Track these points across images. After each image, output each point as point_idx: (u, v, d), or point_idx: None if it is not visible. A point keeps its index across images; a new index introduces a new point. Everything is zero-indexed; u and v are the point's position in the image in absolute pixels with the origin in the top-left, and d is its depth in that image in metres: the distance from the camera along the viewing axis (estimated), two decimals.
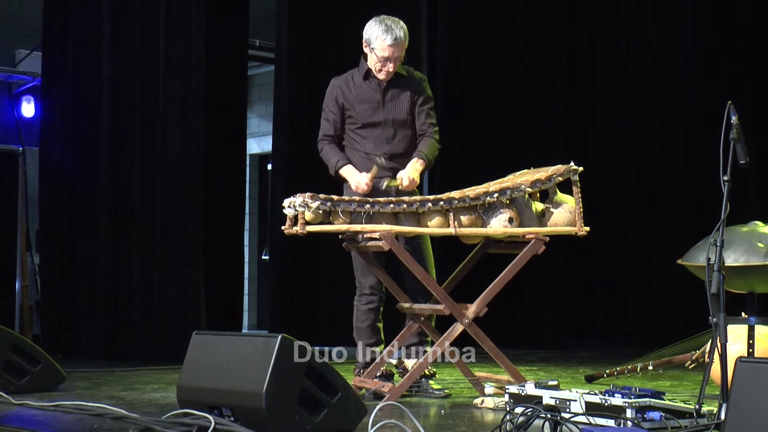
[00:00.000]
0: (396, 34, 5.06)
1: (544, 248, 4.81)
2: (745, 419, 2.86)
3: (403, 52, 5.13)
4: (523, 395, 4.17)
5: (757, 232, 4.23)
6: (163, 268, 7.41)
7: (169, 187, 7.46)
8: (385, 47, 5.08)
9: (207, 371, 3.84)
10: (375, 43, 5.10)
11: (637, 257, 8.93)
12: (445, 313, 4.83)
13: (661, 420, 3.75)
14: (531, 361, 7.26)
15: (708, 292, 3.71)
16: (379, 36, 5.08)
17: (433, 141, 5.23)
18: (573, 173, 4.85)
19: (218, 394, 3.74)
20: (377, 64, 5.12)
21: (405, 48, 5.13)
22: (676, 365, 5.52)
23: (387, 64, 5.10)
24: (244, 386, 3.62)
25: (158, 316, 7.37)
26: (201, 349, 3.97)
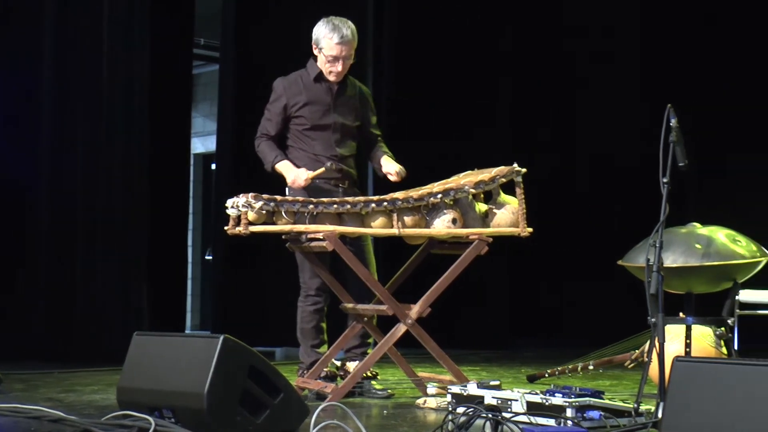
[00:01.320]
0: (343, 33, 5.08)
1: (487, 249, 4.84)
2: (681, 417, 2.90)
3: (352, 52, 5.14)
4: (466, 395, 4.20)
5: (695, 233, 4.29)
6: (105, 268, 7.33)
7: (113, 187, 7.38)
8: (332, 46, 5.08)
9: (148, 372, 3.80)
10: (323, 43, 5.11)
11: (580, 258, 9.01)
12: (389, 314, 4.84)
13: (601, 419, 3.79)
14: (474, 361, 7.30)
15: (647, 293, 3.76)
16: (326, 35, 5.09)
17: (386, 146, 5.35)
18: (516, 174, 4.88)
19: (159, 395, 3.71)
20: (327, 65, 5.12)
21: (354, 47, 5.14)
22: (616, 365, 5.58)
23: (336, 63, 5.10)
24: (185, 387, 3.60)
25: (100, 316, 7.29)
26: (142, 350, 3.94)
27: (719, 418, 2.83)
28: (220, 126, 8.34)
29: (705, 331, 5.09)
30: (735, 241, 4.26)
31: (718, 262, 4.16)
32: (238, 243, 5.60)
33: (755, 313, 5.07)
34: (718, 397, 2.86)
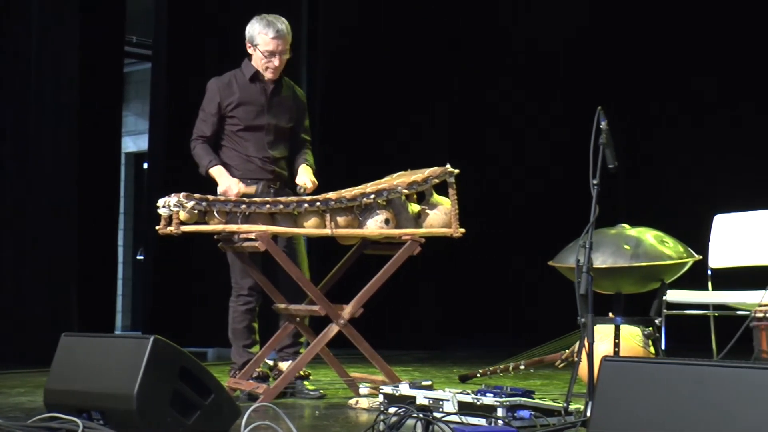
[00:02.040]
0: (278, 28, 5.07)
1: (419, 249, 4.86)
2: (609, 416, 2.93)
3: (288, 47, 5.12)
4: (398, 395, 4.20)
5: (624, 234, 4.35)
6: (34, 269, 7.21)
7: (42, 186, 7.26)
8: (268, 41, 5.07)
9: (76, 374, 3.75)
10: (258, 39, 5.09)
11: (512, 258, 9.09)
12: (321, 314, 4.83)
13: (531, 418, 3.82)
14: (406, 361, 7.32)
15: (577, 293, 3.80)
16: (261, 31, 5.08)
17: (311, 153, 5.32)
18: (449, 175, 4.90)
19: (88, 397, 3.66)
20: (263, 61, 5.10)
21: (289, 42, 5.13)
22: (546, 365, 5.63)
23: (273, 59, 5.09)
24: (114, 389, 3.55)
25: (27, 317, 7.16)
26: (70, 351, 3.88)
27: (646, 417, 2.87)
28: (152, 125, 8.26)
29: (633, 330, 5.16)
30: (663, 242, 4.32)
31: (646, 262, 4.22)
32: (170, 243, 5.55)
33: (682, 313, 5.15)
34: (646, 395, 2.89)
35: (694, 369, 2.84)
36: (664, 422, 2.83)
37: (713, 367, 2.81)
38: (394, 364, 5.63)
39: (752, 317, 3.61)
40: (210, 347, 7.84)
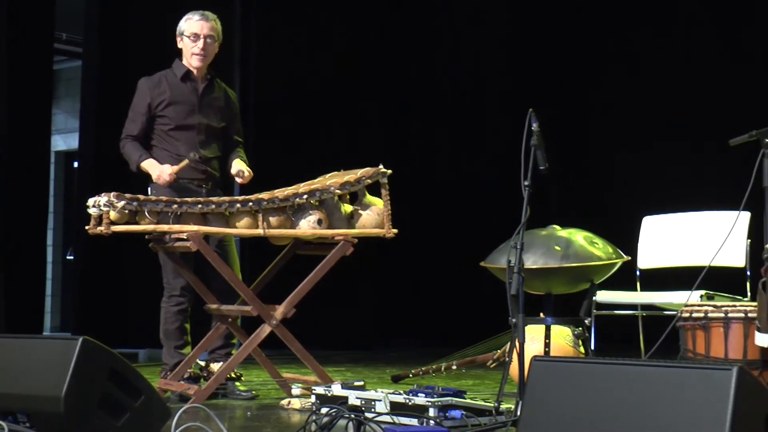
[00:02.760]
0: (203, 13, 5.12)
1: (352, 250, 4.87)
2: (538, 415, 2.96)
3: (214, 34, 5.10)
4: (330, 396, 4.20)
5: (555, 235, 4.39)
6: None
7: None
8: (193, 23, 5.09)
9: (1, 376, 3.68)
10: (185, 26, 5.09)
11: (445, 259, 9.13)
12: (253, 315, 4.82)
13: (462, 418, 3.85)
14: (339, 362, 7.31)
15: (508, 293, 3.83)
16: (187, 18, 5.12)
17: (243, 152, 5.29)
18: (382, 176, 4.92)
19: (13, 399, 3.59)
20: (190, 47, 5.07)
21: (217, 32, 5.12)
22: (478, 365, 5.68)
23: (197, 42, 5.06)
24: (41, 391, 3.49)
25: None
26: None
27: (575, 416, 2.90)
28: (83, 123, 8.15)
29: (564, 330, 5.22)
30: (592, 243, 4.37)
31: (576, 263, 4.26)
32: (100, 243, 5.49)
33: (611, 313, 5.22)
34: (575, 395, 2.93)
35: (622, 368, 2.88)
36: (593, 421, 2.87)
37: (640, 367, 2.86)
38: (326, 365, 5.63)
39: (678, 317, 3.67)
40: (142, 348, 7.76)
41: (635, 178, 8.76)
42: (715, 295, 4.69)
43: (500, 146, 8.83)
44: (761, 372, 3.40)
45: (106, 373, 3.53)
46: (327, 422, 3.45)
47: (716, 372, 2.66)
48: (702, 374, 2.70)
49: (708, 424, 2.62)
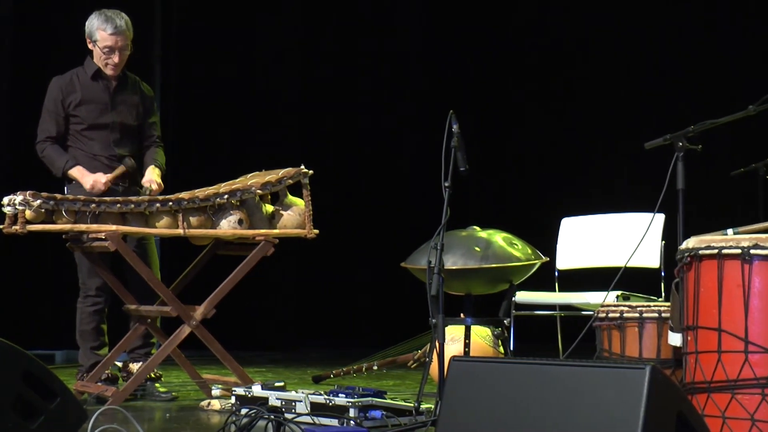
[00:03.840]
0: (117, 23, 4.97)
1: (273, 250, 4.85)
2: (457, 415, 2.98)
3: (128, 42, 5.03)
4: (250, 397, 4.18)
5: (475, 236, 4.42)
6: None
7: None
8: (106, 37, 4.97)
9: None
10: (97, 35, 4.99)
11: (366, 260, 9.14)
12: (173, 315, 4.77)
13: (382, 418, 3.86)
14: (260, 363, 7.28)
15: (428, 294, 3.85)
16: (99, 27, 4.99)
17: (162, 151, 5.22)
18: (303, 176, 4.91)
19: None
20: (102, 58, 5.00)
21: (130, 38, 5.04)
22: (399, 365, 5.70)
23: (111, 56, 4.99)
24: None
25: None
26: None
27: (494, 415, 2.93)
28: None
29: (484, 331, 5.27)
30: (512, 244, 4.41)
31: (496, 264, 4.30)
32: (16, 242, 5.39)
33: (530, 314, 5.28)
34: (493, 394, 2.96)
35: (539, 368, 2.92)
36: (511, 420, 2.90)
37: (557, 366, 2.90)
38: (247, 366, 5.60)
39: (595, 317, 3.73)
40: (58, 349, 7.63)
41: (554, 180, 8.88)
42: (631, 296, 4.77)
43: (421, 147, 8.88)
44: (674, 371, 3.47)
45: (19, 376, 3.46)
46: (246, 423, 3.43)
47: (630, 371, 2.71)
48: (616, 373, 2.75)
49: (622, 422, 2.67)
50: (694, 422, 2.82)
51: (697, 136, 3.92)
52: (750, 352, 3.08)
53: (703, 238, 3.25)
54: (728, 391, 3.09)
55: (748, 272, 3.12)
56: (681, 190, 3.77)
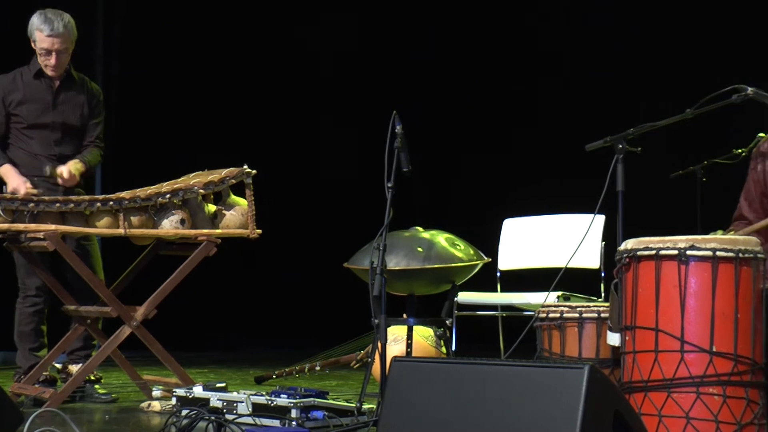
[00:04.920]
0: (54, 25, 4.90)
1: (215, 250, 4.83)
2: (399, 415, 3.00)
3: (68, 45, 4.97)
4: (191, 398, 4.15)
5: (418, 237, 4.44)
6: None
7: None
8: (44, 39, 4.91)
9: None
10: (36, 36, 4.93)
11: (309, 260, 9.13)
12: (113, 316, 4.73)
13: (324, 419, 3.86)
14: (203, 363, 7.24)
15: (371, 294, 3.85)
16: (38, 27, 4.93)
17: (98, 151, 5.15)
18: (246, 176, 4.89)
19: None
20: (41, 58, 4.94)
21: (71, 40, 4.97)
22: (342, 365, 5.70)
23: (49, 57, 4.92)
24: None
25: None
26: None
27: (435, 415, 2.95)
28: None
29: (426, 331, 5.29)
30: (454, 244, 4.44)
31: (438, 264, 4.32)
32: None
33: (473, 314, 5.31)
34: (435, 394, 2.97)
35: (480, 368, 2.95)
36: (452, 420, 2.92)
37: (498, 366, 2.93)
38: (189, 366, 5.57)
39: (536, 318, 3.76)
40: None
41: (497, 181, 8.94)
42: (571, 296, 4.82)
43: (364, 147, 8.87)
44: (612, 370, 3.51)
45: None
46: (187, 424, 3.41)
47: (569, 371, 2.75)
48: (555, 373, 2.78)
49: (561, 421, 2.70)
50: (631, 421, 2.86)
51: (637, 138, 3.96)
52: (686, 351, 3.13)
53: (641, 240, 3.30)
54: (664, 389, 3.13)
55: (685, 273, 3.16)
56: (620, 192, 3.81)
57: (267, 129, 9.22)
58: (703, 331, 3.13)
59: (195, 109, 8.69)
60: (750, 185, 3.96)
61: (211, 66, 8.79)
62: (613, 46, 8.63)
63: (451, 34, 9.30)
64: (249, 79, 9.02)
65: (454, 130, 9.28)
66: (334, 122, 9.32)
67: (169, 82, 8.60)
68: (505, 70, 9.13)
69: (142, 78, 8.50)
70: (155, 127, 8.51)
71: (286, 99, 9.26)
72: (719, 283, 3.14)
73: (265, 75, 9.21)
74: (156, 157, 8.28)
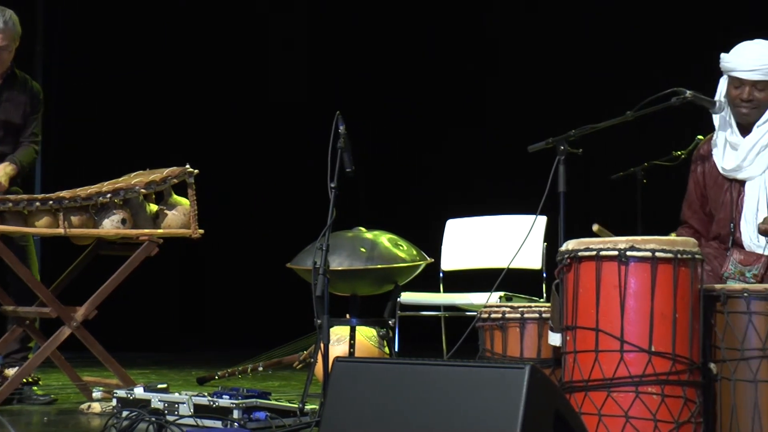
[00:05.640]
0: None
1: (157, 250, 4.80)
2: (340, 415, 3.00)
3: (10, 42, 4.90)
4: (132, 399, 4.11)
5: (361, 237, 4.44)
6: None
7: None
8: None
9: None
10: None
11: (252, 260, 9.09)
12: (52, 316, 4.68)
13: (266, 419, 3.85)
14: (144, 364, 7.17)
15: (314, 295, 3.85)
16: None
17: (32, 149, 5.05)
18: (188, 175, 4.86)
19: None
20: None
21: (14, 38, 4.91)
22: (285, 366, 5.69)
23: None
24: None
25: None
26: None
27: (377, 415, 2.96)
28: None
29: (369, 331, 5.29)
30: (397, 245, 4.45)
31: (381, 265, 4.32)
32: None
33: (416, 314, 5.33)
34: (377, 395, 2.98)
35: (422, 368, 2.96)
36: (394, 420, 2.93)
37: (439, 367, 2.94)
38: (130, 367, 5.51)
39: (478, 318, 3.78)
40: None
41: (440, 182, 8.97)
42: (514, 296, 4.85)
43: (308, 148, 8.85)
44: (553, 370, 3.53)
45: None
46: (127, 426, 3.38)
47: (510, 371, 2.77)
48: (497, 373, 2.80)
49: (502, 421, 2.72)
50: (571, 420, 2.89)
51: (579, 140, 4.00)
52: (625, 351, 3.16)
53: (582, 240, 3.33)
54: (604, 389, 3.16)
55: (625, 273, 3.20)
56: (562, 193, 3.84)
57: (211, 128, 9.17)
58: (642, 331, 3.17)
59: (137, 107, 8.61)
60: (690, 187, 4.03)
61: (154, 63, 8.72)
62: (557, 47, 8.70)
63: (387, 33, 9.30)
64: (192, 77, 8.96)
65: (397, 130, 9.29)
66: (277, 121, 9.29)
67: (111, 79, 8.51)
68: (450, 71, 9.16)
69: (83, 75, 8.41)
70: (96, 125, 8.42)
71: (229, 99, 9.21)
72: (658, 283, 3.18)
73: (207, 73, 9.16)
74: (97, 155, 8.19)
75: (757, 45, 3.80)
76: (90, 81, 8.45)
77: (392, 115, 9.29)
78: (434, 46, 9.25)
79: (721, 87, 3.89)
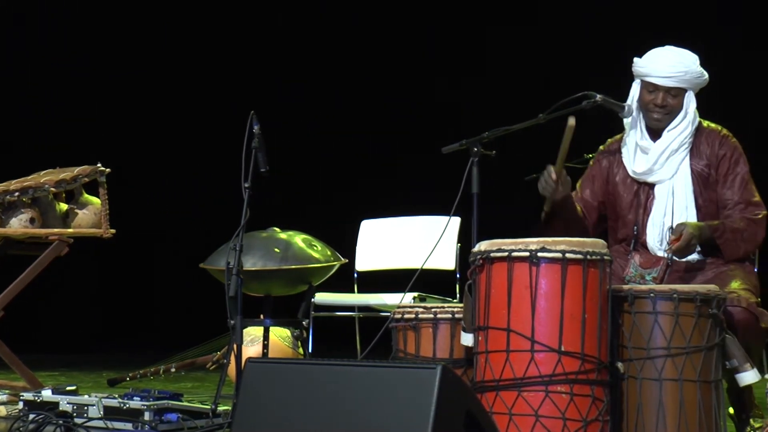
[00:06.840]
0: None
1: (67, 250, 4.72)
2: (252, 416, 2.99)
3: None
4: (39, 402, 4.03)
5: (275, 237, 4.43)
6: None
7: None
8: None
9: None
10: None
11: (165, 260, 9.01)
12: None
13: (178, 421, 3.82)
14: (54, 366, 7.04)
15: (227, 295, 3.82)
16: None
17: None
18: (100, 174, 4.80)
19: None
20: None
21: None
22: (198, 367, 5.64)
23: None
24: None
25: None
26: None
27: (290, 416, 2.95)
28: None
29: (283, 332, 5.27)
30: (311, 245, 4.44)
31: (295, 265, 4.32)
32: None
33: (330, 315, 5.33)
34: (290, 395, 2.97)
35: (335, 369, 2.96)
36: (306, 420, 2.92)
37: (352, 367, 2.95)
38: (38, 369, 5.41)
39: (391, 318, 3.79)
40: None
41: (354, 182, 8.98)
42: (427, 297, 4.88)
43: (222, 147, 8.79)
44: (465, 370, 3.56)
45: None
46: (33, 429, 3.32)
47: (421, 371, 2.79)
48: (409, 373, 2.81)
49: (414, 421, 2.74)
50: (482, 420, 2.91)
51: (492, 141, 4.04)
52: (536, 351, 3.20)
53: (494, 241, 3.36)
54: (515, 388, 3.20)
55: (536, 274, 3.23)
56: (475, 194, 3.88)
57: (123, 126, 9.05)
58: (552, 331, 3.21)
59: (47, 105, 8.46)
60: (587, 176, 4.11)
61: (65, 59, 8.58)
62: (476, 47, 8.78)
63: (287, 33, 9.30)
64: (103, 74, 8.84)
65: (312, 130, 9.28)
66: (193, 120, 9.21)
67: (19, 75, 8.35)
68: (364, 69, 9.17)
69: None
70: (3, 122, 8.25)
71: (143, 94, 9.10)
72: (568, 284, 3.23)
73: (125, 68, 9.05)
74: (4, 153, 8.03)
75: (671, 52, 3.86)
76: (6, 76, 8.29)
77: (308, 113, 9.27)
78: (345, 43, 9.25)
79: (633, 91, 3.95)
